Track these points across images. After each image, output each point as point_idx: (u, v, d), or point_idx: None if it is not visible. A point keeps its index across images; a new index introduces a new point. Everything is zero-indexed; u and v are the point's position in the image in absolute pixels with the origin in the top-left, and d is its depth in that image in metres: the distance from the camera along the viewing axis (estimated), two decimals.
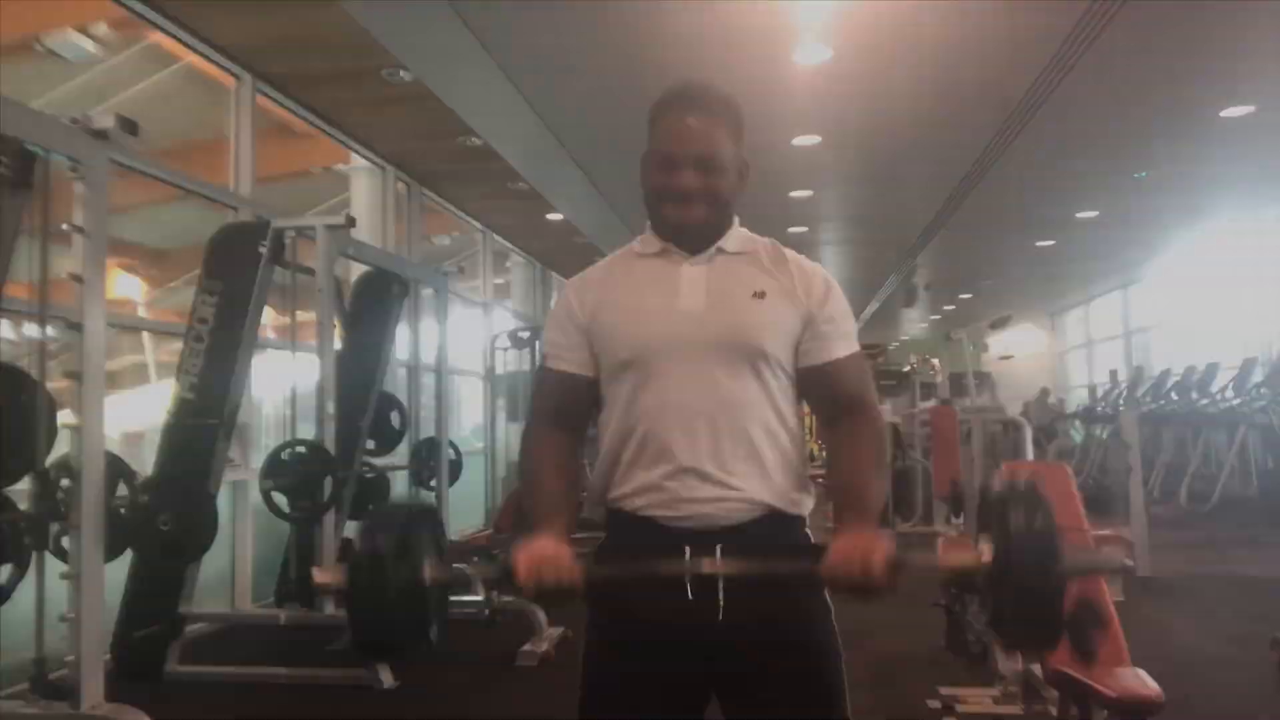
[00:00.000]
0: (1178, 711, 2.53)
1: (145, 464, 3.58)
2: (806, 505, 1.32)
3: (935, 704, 3.06)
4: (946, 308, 16.11)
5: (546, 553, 1.22)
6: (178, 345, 3.68)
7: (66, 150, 2.57)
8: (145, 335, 6.08)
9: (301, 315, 4.34)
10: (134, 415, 5.87)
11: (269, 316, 4.42)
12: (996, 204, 8.00)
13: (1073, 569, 1.13)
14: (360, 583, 1.24)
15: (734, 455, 1.25)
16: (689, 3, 4.01)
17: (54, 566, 2.60)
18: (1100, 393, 12.35)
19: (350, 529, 4.67)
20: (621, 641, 1.29)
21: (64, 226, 2.60)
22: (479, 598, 4.34)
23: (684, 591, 1.22)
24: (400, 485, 5.17)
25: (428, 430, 5.16)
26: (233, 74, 4.64)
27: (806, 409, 1.38)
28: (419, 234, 6.77)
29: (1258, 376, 8.28)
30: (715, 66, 4.58)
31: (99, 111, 2.64)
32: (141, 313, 6.21)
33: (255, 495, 4.05)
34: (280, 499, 3.61)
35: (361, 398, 4.54)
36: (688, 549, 1.23)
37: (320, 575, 1.41)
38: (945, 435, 6.53)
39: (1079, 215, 8.68)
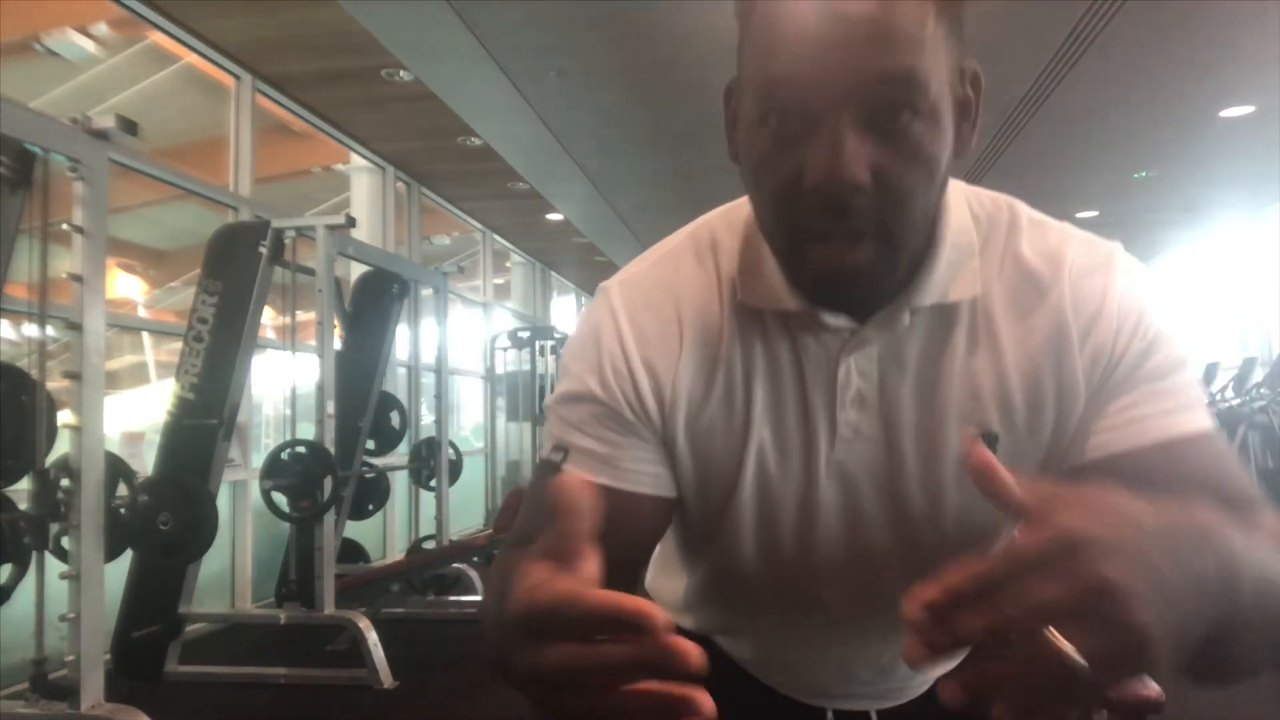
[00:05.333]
0: (1179, 710, 2.53)
1: (145, 464, 3.58)
2: None
3: None
4: None
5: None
6: (178, 345, 3.68)
7: (66, 150, 2.56)
8: (145, 335, 6.08)
9: (301, 315, 4.34)
10: (134, 415, 5.88)
11: (269, 316, 4.42)
12: None
13: None
14: None
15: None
16: (690, 2, 4.01)
17: (54, 566, 2.59)
18: None
19: (350, 529, 4.69)
20: None
21: (64, 226, 2.60)
22: (479, 598, 4.34)
23: None
24: (400, 485, 5.17)
25: (428, 430, 5.16)
26: (232, 74, 4.64)
27: None
28: (419, 234, 6.78)
29: (1258, 376, 8.28)
30: (717, 67, 4.58)
31: (99, 111, 2.64)
32: (141, 313, 6.21)
33: (255, 495, 4.05)
34: (280, 499, 3.61)
35: (361, 398, 4.54)
36: None
37: None
38: None
39: (1079, 215, 8.68)
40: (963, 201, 0.73)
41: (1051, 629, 0.38)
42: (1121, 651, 0.39)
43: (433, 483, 4.90)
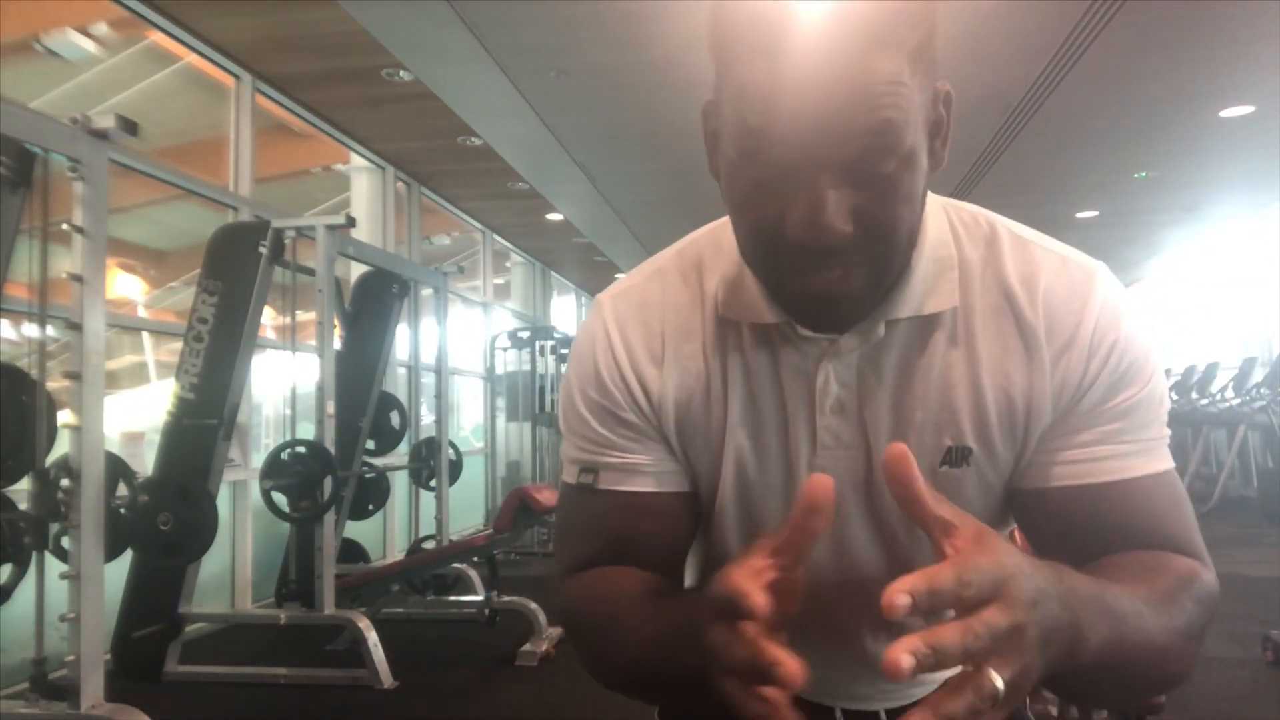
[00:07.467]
0: (1178, 711, 2.54)
1: (145, 464, 3.58)
2: None
3: None
4: None
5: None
6: (178, 345, 3.68)
7: (66, 150, 2.56)
8: (145, 335, 6.08)
9: (301, 315, 4.34)
10: (134, 415, 5.87)
11: (269, 316, 4.42)
12: (996, 205, 7.88)
13: None
14: None
15: None
16: (690, 2, 4.00)
17: (54, 566, 2.60)
18: None
19: (350, 529, 4.69)
20: None
21: (64, 226, 2.60)
22: (479, 598, 4.34)
23: None
24: (400, 485, 5.17)
25: (428, 430, 5.16)
26: (232, 74, 4.64)
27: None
28: (419, 234, 6.78)
29: (1258, 376, 8.28)
30: None
31: (99, 111, 2.64)
32: (141, 313, 6.21)
33: (255, 495, 4.05)
34: (280, 499, 3.61)
35: (361, 398, 4.54)
36: None
37: None
38: None
39: (1079, 215, 8.67)
40: (942, 216, 0.74)
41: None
42: (1020, 685, 0.47)
43: (433, 483, 4.90)
